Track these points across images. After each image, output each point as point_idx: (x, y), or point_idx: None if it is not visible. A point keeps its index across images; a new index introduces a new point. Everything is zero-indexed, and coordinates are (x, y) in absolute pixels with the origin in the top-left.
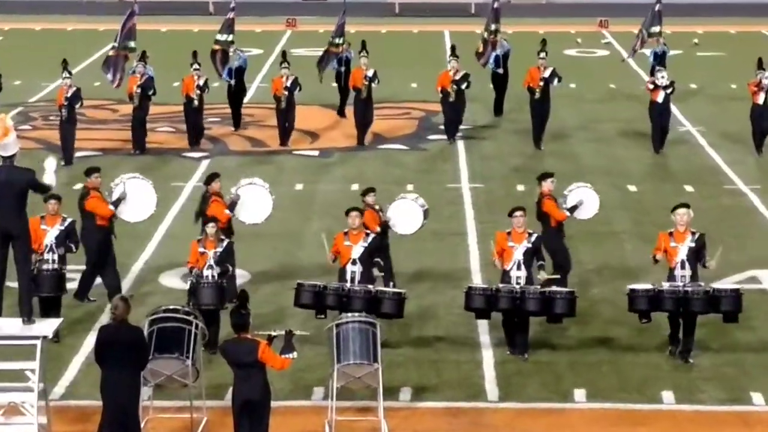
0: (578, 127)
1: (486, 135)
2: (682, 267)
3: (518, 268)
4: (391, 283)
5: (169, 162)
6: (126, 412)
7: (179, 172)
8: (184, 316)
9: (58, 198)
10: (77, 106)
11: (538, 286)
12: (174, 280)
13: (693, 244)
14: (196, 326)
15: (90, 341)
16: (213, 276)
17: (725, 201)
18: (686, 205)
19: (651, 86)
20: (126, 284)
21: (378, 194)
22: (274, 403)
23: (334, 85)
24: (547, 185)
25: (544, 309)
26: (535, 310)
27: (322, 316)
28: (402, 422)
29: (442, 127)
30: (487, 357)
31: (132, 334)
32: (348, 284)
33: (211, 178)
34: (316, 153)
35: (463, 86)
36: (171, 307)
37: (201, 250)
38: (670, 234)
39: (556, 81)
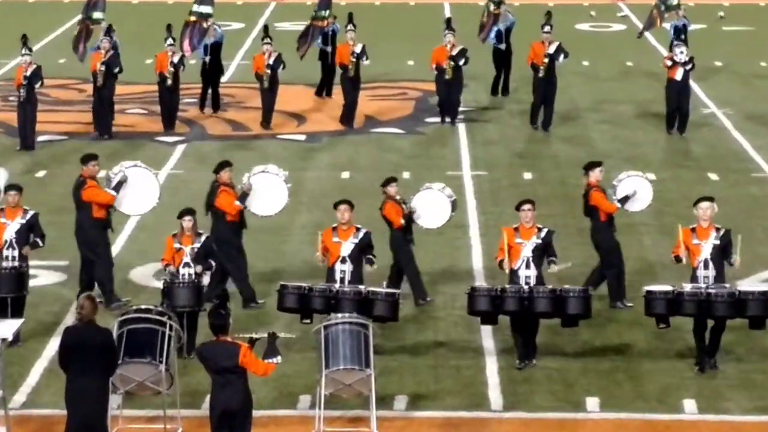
0: (591, 109)
1: (489, 117)
2: (706, 267)
3: (527, 266)
4: (422, 296)
5: (141, 147)
6: (93, 422)
7: (152, 159)
8: (157, 317)
9: (18, 188)
10: (37, 85)
11: (549, 286)
12: (146, 277)
13: (718, 242)
14: (170, 328)
15: (54, 344)
16: (190, 275)
17: (753, 190)
18: (710, 199)
19: (669, 63)
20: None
21: (371, 182)
22: (256, 413)
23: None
24: (595, 175)
25: (556, 310)
26: (546, 310)
27: (308, 321)
28: None
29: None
30: (491, 362)
31: (100, 336)
32: (336, 285)
33: (220, 166)
34: (303, 137)
35: (461, 62)
36: (143, 307)
37: (177, 246)
38: (693, 230)
39: (561, 57)
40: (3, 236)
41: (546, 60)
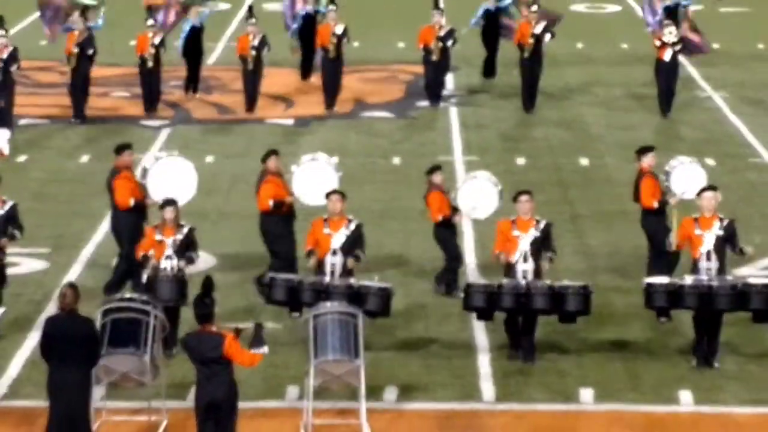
0: (586, 93)
1: (482, 101)
2: (708, 258)
3: (524, 260)
4: (456, 291)
5: (123, 131)
6: (75, 414)
7: (136, 143)
8: (141, 306)
9: None
10: (13, 68)
11: (547, 281)
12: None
13: (721, 232)
14: (155, 317)
15: (35, 334)
16: (172, 268)
17: (751, 176)
18: (713, 188)
19: (657, 43)
20: (76, 270)
21: (361, 167)
22: (242, 404)
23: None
24: (648, 160)
25: (554, 306)
26: (544, 307)
27: (297, 314)
28: (387, 426)
29: None
30: (483, 353)
31: (82, 326)
32: (327, 278)
33: (267, 155)
34: (291, 122)
35: (449, 43)
36: (126, 296)
37: (158, 238)
38: (695, 220)
39: (548, 37)
40: None
41: (531, 40)
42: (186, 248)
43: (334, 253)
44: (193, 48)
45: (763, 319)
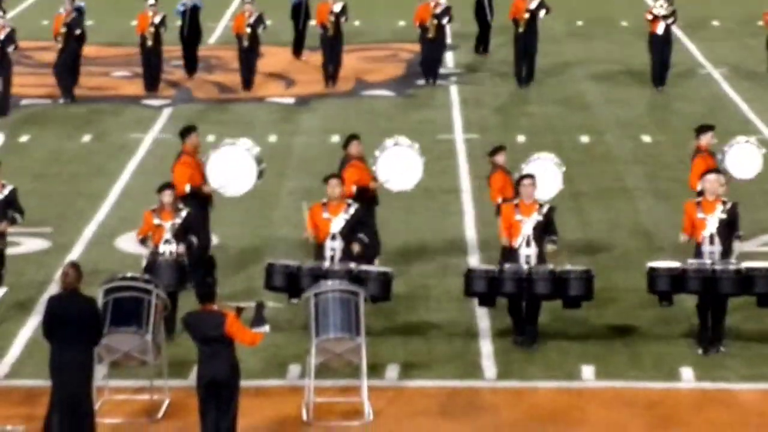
0: (585, 70)
1: (481, 79)
2: (711, 242)
3: (527, 245)
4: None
5: (124, 111)
6: (77, 394)
7: (137, 122)
8: (144, 285)
9: None
10: (10, 49)
11: (550, 265)
12: (131, 245)
13: (724, 216)
14: (157, 296)
15: (37, 315)
16: (171, 252)
17: None
18: (717, 171)
19: (650, 17)
20: (78, 249)
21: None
22: (244, 383)
23: (312, 23)
24: (707, 139)
25: (556, 291)
26: (546, 292)
27: (296, 300)
28: (388, 404)
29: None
30: (484, 330)
31: (84, 305)
32: (326, 263)
33: (348, 140)
34: (292, 100)
35: (444, 21)
36: (128, 275)
37: (156, 222)
38: (698, 204)
39: (543, 13)
40: None
41: (526, 15)
42: (185, 232)
43: (334, 237)
44: (191, 28)
45: (767, 303)
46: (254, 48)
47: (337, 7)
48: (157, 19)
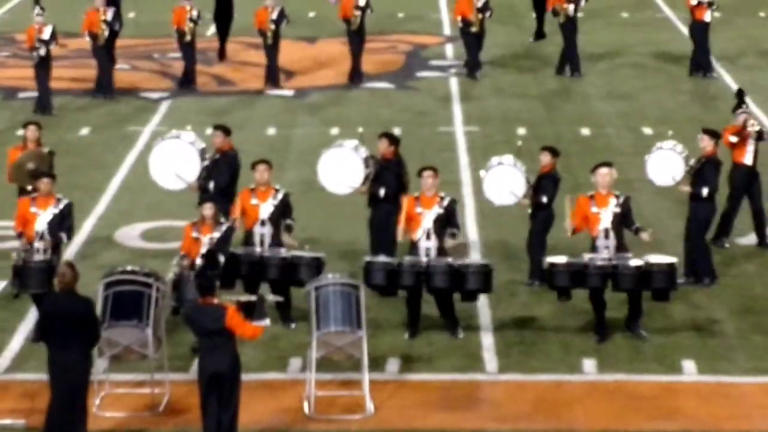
0: (586, 62)
1: (482, 71)
2: (606, 236)
3: (427, 237)
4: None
5: (123, 103)
6: (74, 395)
7: (135, 115)
8: (144, 279)
9: (51, 176)
10: (52, 47)
11: (449, 258)
12: (131, 238)
13: (618, 209)
14: (157, 290)
15: (36, 309)
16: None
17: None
18: (609, 164)
19: (693, 2)
20: (76, 242)
21: (360, 138)
22: (245, 376)
23: (312, 15)
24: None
25: (454, 284)
26: (443, 285)
27: (233, 289)
28: (389, 397)
29: (433, 62)
30: (485, 323)
31: (80, 306)
32: (258, 249)
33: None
34: (291, 93)
35: (487, 15)
36: (128, 268)
37: (194, 235)
38: (591, 198)
39: (583, 1)
40: (34, 227)
41: (567, 5)
42: (216, 248)
43: (263, 223)
44: (224, 12)
45: (663, 298)
46: (277, 43)
47: (361, 1)
48: (195, 13)
